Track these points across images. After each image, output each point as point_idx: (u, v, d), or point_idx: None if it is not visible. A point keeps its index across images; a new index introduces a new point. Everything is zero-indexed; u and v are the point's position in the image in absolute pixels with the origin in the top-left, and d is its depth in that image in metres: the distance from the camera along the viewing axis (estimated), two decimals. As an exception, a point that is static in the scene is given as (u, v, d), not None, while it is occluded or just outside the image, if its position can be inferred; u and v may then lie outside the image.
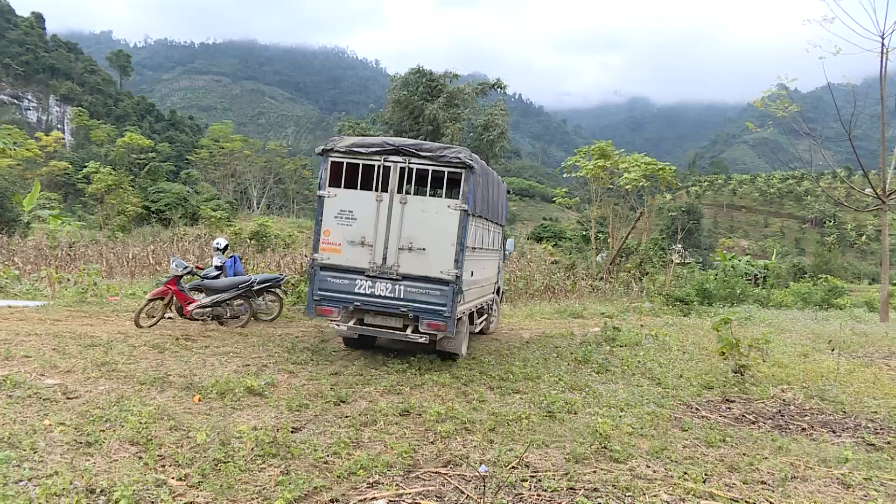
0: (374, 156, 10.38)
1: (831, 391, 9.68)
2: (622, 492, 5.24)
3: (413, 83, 47.33)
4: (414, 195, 10.63)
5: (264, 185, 75.13)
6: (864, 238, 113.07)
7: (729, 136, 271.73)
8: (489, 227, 12.50)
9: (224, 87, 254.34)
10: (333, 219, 10.49)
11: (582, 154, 38.81)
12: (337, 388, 8.28)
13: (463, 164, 10.02)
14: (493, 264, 13.96)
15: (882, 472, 6.11)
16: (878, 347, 15.65)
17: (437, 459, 5.91)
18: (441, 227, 10.13)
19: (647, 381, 10.06)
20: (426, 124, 45.15)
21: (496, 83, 50.14)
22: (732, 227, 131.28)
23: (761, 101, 28.73)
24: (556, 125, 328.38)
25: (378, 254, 10.27)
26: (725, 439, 7.06)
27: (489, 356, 11.38)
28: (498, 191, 13.07)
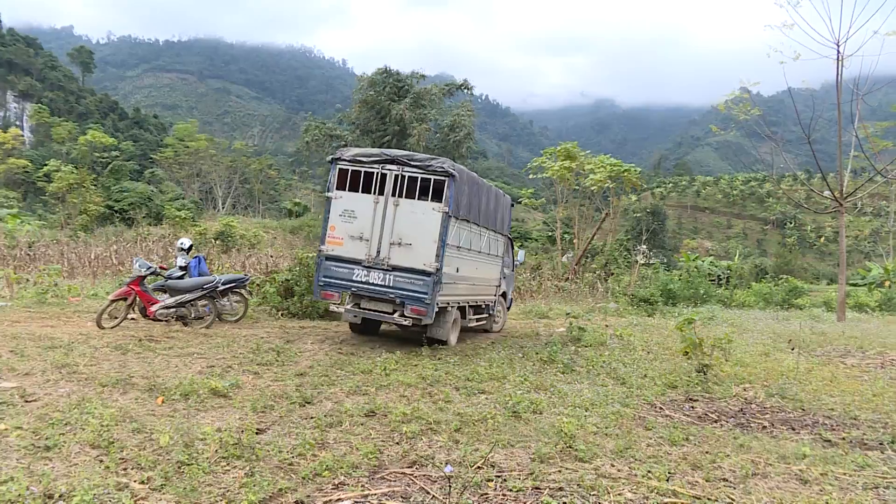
0: (374, 164, 12.33)
1: (791, 389, 9.83)
2: (587, 491, 5.27)
3: (380, 83, 47.27)
4: (405, 198, 12.19)
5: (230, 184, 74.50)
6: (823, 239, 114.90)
7: (693, 138, 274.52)
8: (482, 232, 14.14)
9: (189, 86, 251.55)
10: (338, 217, 12.45)
11: (548, 155, 39.04)
12: (302, 389, 8.24)
13: (446, 173, 11.83)
14: (491, 268, 15.47)
15: (837, 467, 6.23)
16: (835, 346, 15.94)
17: (403, 460, 5.91)
18: (425, 225, 11.90)
19: (612, 381, 10.14)
20: (393, 124, 45.12)
21: (463, 84, 50.25)
22: (696, 228, 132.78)
23: (724, 105, 29.13)
24: (523, 126, 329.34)
25: (373, 247, 12.13)
26: (689, 438, 7.14)
27: (455, 356, 11.39)
28: (495, 202, 14.96)
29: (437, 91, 48.45)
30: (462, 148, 46.10)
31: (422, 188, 12.16)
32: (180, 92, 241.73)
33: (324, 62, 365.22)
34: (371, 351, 11.60)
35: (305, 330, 14.16)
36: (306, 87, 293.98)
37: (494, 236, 15.36)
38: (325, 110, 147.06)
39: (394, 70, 48.60)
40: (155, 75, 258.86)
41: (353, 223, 12.34)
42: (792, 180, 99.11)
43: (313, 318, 16.78)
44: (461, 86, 50.38)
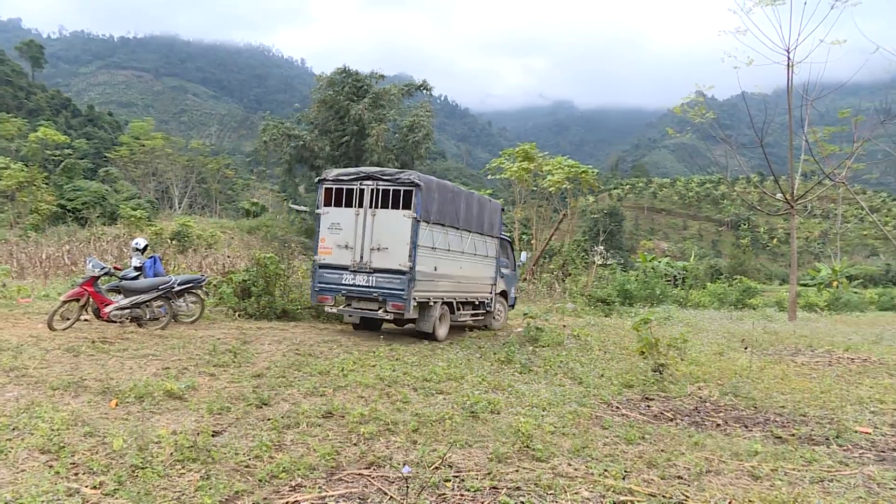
0: (353, 181, 14.14)
1: (744, 388, 10.01)
2: (544, 490, 5.31)
3: (339, 83, 47.02)
4: (380, 208, 13.85)
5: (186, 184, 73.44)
6: (776, 241, 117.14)
7: (650, 140, 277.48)
8: (463, 235, 15.52)
9: (145, 84, 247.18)
10: (327, 230, 14.30)
11: (506, 156, 39.19)
12: (259, 390, 8.17)
13: (412, 184, 13.44)
14: (481, 267, 16.84)
15: (786, 462, 6.37)
16: (786, 345, 16.29)
17: (361, 461, 5.89)
18: (399, 230, 13.54)
19: (569, 381, 10.23)
20: (351, 124, 44.92)
21: (422, 85, 50.22)
22: (653, 229, 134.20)
23: (680, 108, 29.57)
24: (482, 127, 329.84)
25: (357, 253, 13.91)
26: (644, 436, 7.23)
27: (413, 357, 11.40)
28: (479, 207, 16.46)
29: (396, 91, 48.34)
30: (421, 148, 46.06)
31: (394, 198, 13.72)
32: (136, 90, 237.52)
33: (282, 61, 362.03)
34: (329, 352, 11.55)
35: (262, 331, 14.04)
36: (264, 87, 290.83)
37: (482, 238, 16.66)
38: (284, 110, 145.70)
39: (353, 70, 48.38)
40: (109, 72, 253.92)
41: (340, 234, 14.11)
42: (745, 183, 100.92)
43: (270, 318, 16.64)
44: (420, 86, 50.34)
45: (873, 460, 6.76)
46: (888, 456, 6.99)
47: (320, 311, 17.88)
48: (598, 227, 65.95)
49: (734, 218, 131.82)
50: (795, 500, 5.25)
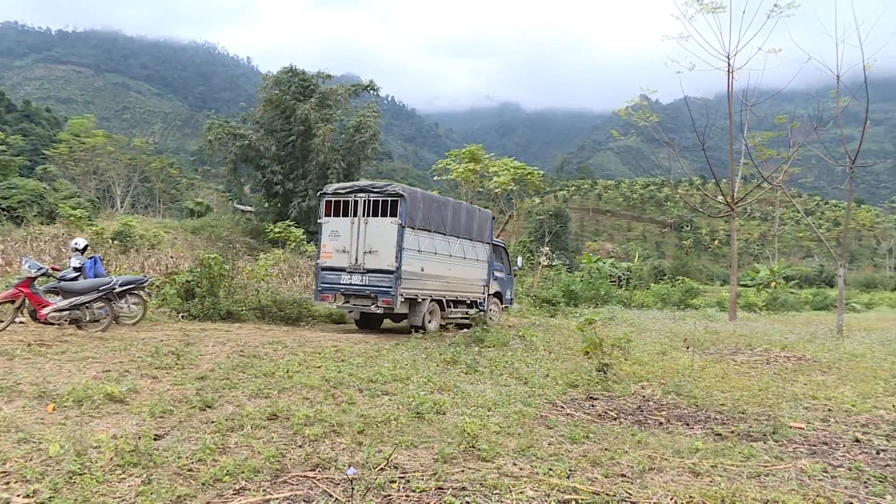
0: (348, 194, 16.34)
1: (686, 386, 10.19)
2: (489, 490, 5.32)
3: (285, 82, 46.61)
4: (371, 217, 15.96)
5: (129, 183, 71.89)
6: (717, 242, 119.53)
7: (595, 142, 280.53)
8: (450, 240, 17.54)
9: (85, 79, 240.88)
10: (328, 237, 16.45)
11: (453, 157, 39.29)
12: (203, 392, 8.04)
13: (397, 195, 15.70)
14: (470, 270, 18.79)
15: (726, 459, 6.49)
16: (726, 344, 16.63)
17: (306, 463, 5.83)
18: (387, 235, 15.65)
19: (515, 381, 10.29)
20: (298, 124, 44.58)
21: (369, 85, 50.08)
22: (598, 230, 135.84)
23: (625, 111, 30.02)
24: (428, 128, 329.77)
25: (353, 257, 16.05)
26: (589, 435, 7.30)
27: (359, 358, 11.35)
28: (467, 216, 18.52)
29: (342, 91, 48.10)
30: (367, 149, 45.90)
31: (382, 208, 15.88)
32: (75, 85, 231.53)
33: (228, 59, 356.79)
34: (274, 353, 11.42)
35: (206, 332, 13.84)
36: (210, 85, 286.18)
37: (471, 243, 18.69)
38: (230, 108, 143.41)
39: (299, 69, 48.01)
40: (47, 66, 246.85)
41: (338, 240, 16.28)
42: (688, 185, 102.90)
43: (214, 320, 16.43)
44: (367, 86, 50.19)
45: (806, 454, 6.95)
46: (819, 449, 7.20)
47: (265, 311, 17.83)
48: (543, 228, 66.45)
49: (677, 220, 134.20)
50: (733, 495, 5.35)
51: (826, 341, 18.00)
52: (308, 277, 26.89)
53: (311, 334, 15.19)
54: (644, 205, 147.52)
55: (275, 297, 18.55)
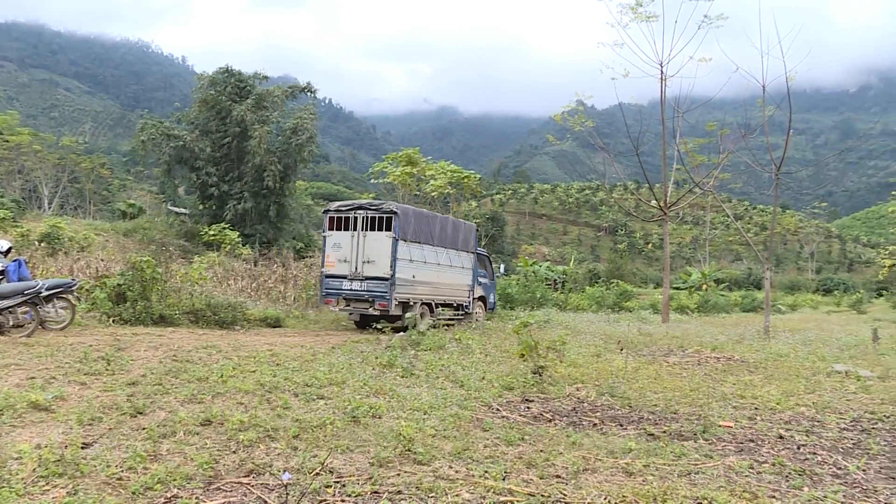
0: (350, 211, 18.65)
1: (620, 388, 10.36)
2: (425, 493, 5.33)
3: (221, 83, 45.90)
4: (369, 231, 18.28)
5: (57, 183, 69.78)
6: (650, 246, 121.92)
7: (532, 147, 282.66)
8: (438, 250, 19.95)
9: (8, 74, 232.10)
10: (331, 248, 18.79)
11: (390, 160, 39.27)
12: (134, 398, 7.87)
13: (392, 212, 18.01)
14: (457, 276, 21.24)
15: (658, 458, 6.63)
16: (659, 346, 16.96)
17: (240, 469, 5.76)
18: (382, 247, 17.97)
19: (451, 384, 10.32)
20: (234, 126, 43.93)
21: (306, 87, 49.67)
22: (534, 234, 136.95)
23: (561, 116, 30.38)
24: (366, 131, 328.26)
25: (353, 266, 18.37)
26: (524, 437, 7.36)
27: (294, 362, 11.25)
28: (453, 228, 20.98)
29: (279, 93, 47.61)
30: (304, 151, 45.48)
31: (378, 223, 18.16)
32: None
33: (162, 58, 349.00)
34: (208, 358, 11.25)
35: (138, 337, 13.55)
36: (143, 84, 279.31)
37: (457, 253, 21.15)
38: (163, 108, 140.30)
39: (235, 70, 47.33)
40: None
41: (340, 251, 18.60)
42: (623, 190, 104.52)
43: (147, 324, 16.10)
44: (304, 88, 49.78)
45: (734, 451, 7.16)
46: (746, 447, 7.42)
47: (199, 315, 17.56)
48: (480, 231, 66.77)
49: (612, 224, 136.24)
50: (665, 493, 5.46)
51: (754, 342, 18.51)
52: (243, 281, 26.61)
53: (247, 338, 15.00)
54: (579, 209, 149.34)
55: (209, 300, 18.26)
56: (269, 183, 42.99)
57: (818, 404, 9.78)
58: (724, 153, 26.76)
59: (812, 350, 16.57)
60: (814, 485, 6.05)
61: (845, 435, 8.09)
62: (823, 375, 12.52)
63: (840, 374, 12.64)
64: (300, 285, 27.19)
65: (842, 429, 8.41)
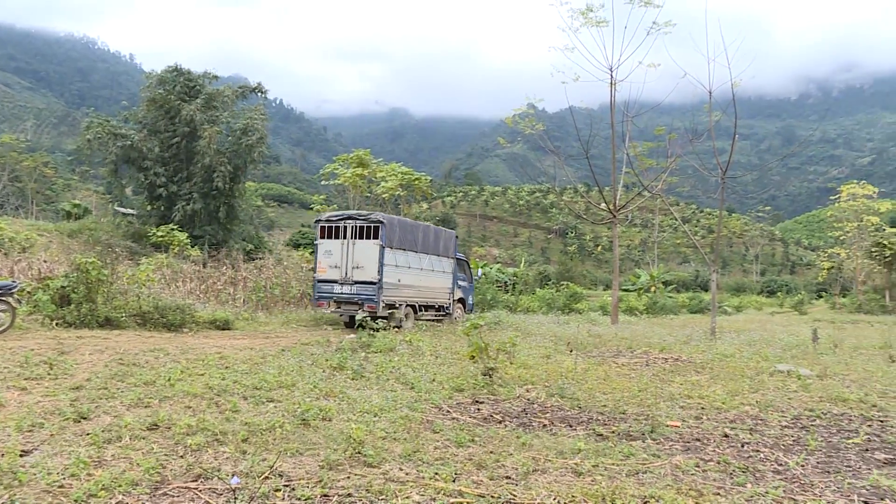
0: (339, 221, 20.12)
1: (569, 389, 10.44)
2: (375, 496, 5.32)
3: (170, 82, 45.24)
4: (358, 239, 19.73)
5: (-3, 182, 68.09)
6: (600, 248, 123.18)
7: (483, 149, 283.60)
8: (421, 256, 21.62)
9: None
10: (322, 255, 20.26)
11: (341, 162, 39.15)
12: (77, 403, 7.70)
13: (379, 221, 19.57)
14: (438, 280, 22.95)
15: (607, 458, 6.70)
16: (608, 347, 17.17)
17: (187, 474, 5.68)
18: (370, 254, 19.49)
19: (401, 386, 10.30)
20: (183, 125, 43.33)
21: (257, 87, 49.31)
22: (485, 236, 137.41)
23: (512, 119, 30.58)
24: (317, 132, 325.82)
25: (343, 271, 19.80)
26: (474, 439, 7.38)
27: (243, 364, 11.13)
28: (435, 236, 22.77)
29: (229, 93, 47.14)
30: (254, 152, 45.04)
31: (366, 232, 19.68)
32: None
33: (108, 55, 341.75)
34: (155, 361, 11.07)
35: (83, 340, 13.28)
36: (88, 81, 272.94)
37: (438, 258, 22.80)
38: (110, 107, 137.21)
39: (185, 69, 46.71)
40: None
41: (331, 258, 20.06)
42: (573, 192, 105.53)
43: (92, 327, 15.78)
44: (255, 89, 49.39)
45: (680, 451, 7.28)
46: (692, 445, 7.55)
47: (147, 318, 17.29)
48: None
49: (562, 226, 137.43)
50: (613, 493, 5.53)
51: (700, 343, 18.85)
52: (192, 283, 26.24)
53: (195, 341, 14.81)
54: (530, 211, 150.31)
55: (157, 302, 17.96)
56: (219, 184, 42.50)
57: (761, 403, 10.00)
58: (672, 157, 27.20)
59: (756, 350, 16.94)
60: (756, 481, 6.19)
61: (786, 432, 8.29)
62: (767, 375, 12.81)
63: (782, 373, 12.94)
64: (250, 287, 26.92)
65: (783, 426, 8.62)
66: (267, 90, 49.88)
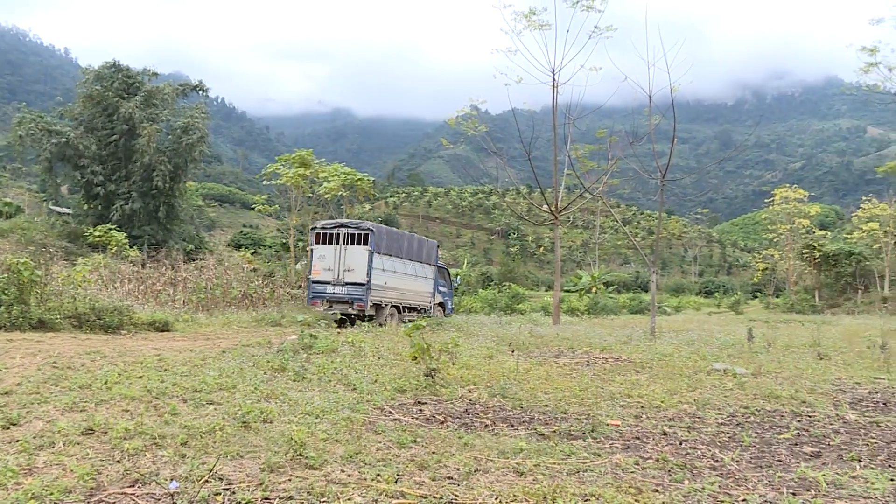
0: (333, 228, 22.67)
1: (511, 389, 10.52)
2: (317, 498, 5.28)
3: (108, 78, 44.28)
4: (349, 245, 22.19)
5: (-82, 179, 65.74)
6: (542, 249, 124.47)
7: (426, 150, 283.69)
8: (405, 262, 24.23)
9: None
10: (317, 259, 22.66)
11: (283, 162, 38.84)
12: (7, 409, 7.46)
13: (369, 229, 22.22)
14: (420, 284, 25.60)
15: (548, 457, 6.77)
16: (550, 347, 17.34)
17: (124, 479, 5.56)
18: (360, 259, 21.88)
19: (343, 388, 10.25)
20: (121, 123, 42.45)
21: (198, 85, 48.69)
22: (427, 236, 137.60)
23: (455, 120, 30.71)
24: (259, 132, 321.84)
25: (335, 273, 22.22)
26: (416, 440, 7.39)
27: (183, 367, 10.94)
28: (418, 244, 25.66)
29: (170, 91, 46.38)
30: (195, 151, 44.41)
31: (357, 238, 22.24)
32: None
33: (41, 48, 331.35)
34: (91, 364, 10.81)
35: (14, 343, 12.90)
36: (20, 75, 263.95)
37: (421, 265, 25.52)
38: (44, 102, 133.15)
39: (123, 65, 45.80)
40: None
41: (325, 261, 22.52)
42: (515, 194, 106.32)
43: (24, 329, 15.34)
44: (196, 87, 48.75)
45: (621, 449, 7.40)
46: (632, 444, 7.68)
47: (83, 320, 16.89)
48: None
49: (504, 227, 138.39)
50: (554, 492, 5.59)
51: (640, 343, 19.17)
52: (130, 284, 25.73)
53: (133, 343, 14.51)
54: (473, 212, 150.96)
55: (93, 304, 17.52)
56: (159, 183, 41.79)
57: (699, 401, 10.22)
58: (613, 159, 27.62)
59: (694, 350, 17.31)
60: (693, 477, 6.32)
61: (722, 429, 8.49)
62: (704, 374, 13.09)
63: (719, 372, 13.23)
64: (190, 288, 26.50)
65: (719, 424, 8.83)
66: (208, 88, 49.39)
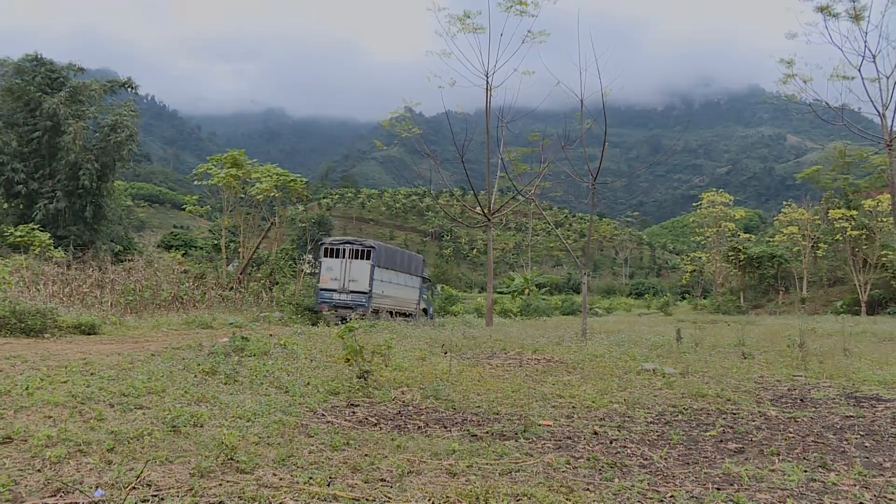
0: (340, 244, 27.35)
1: (444, 390, 10.55)
2: (248, 502, 5.22)
3: (29, 71, 42.85)
4: (354, 259, 26.52)
5: None
6: (476, 251, 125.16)
7: (360, 151, 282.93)
8: (398, 274, 29.01)
9: None
10: (325, 270, 26.94)
11: (214, 162, 38.30)
12: (-83, 417, 7.17)
13: (371, 247, 27.12)
14: (409, 293, 30.51)
15: (481, 458, 6.82)
16: (483, 349, 17.44)
17: (46, 488, 5.38)
18: (363, 271, 26.37)
19: (275, 390, 10.15)
20: (45, 119, 41.14)
21: (127, 82, 47.57)
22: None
23: (389, 122, 30.77)
24: (190, 131, 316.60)
25: (341, 283, 26.52)
26: (349, 442, 7.36)
27: (111, 370, 10.67)
28: (408, 259, 30.98)
29: (97, 87, 45.14)
30: (124, 150, 43.30)
31: (361, 254, 26.74)
32: None
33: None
34: (11, 369, 10.44)
35: (-72, 347, 12.42)
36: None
37: (410, 277, 30.37)
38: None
39: (46, 59, 44.43)
40: None
41: (332, 272, 26.79)
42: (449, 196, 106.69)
43: (-62, 333, 14.77)
44: (125, 84, 47.61)
45: (552, 449, 7.49)
46: (564, 444, 7.78)
47: (3, 323, 16.35)
48: (306, 235, 66.28)
49: (438, 229, 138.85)
50: (487, 492, 5.63)
51: (572, 344, 19.44)
52: (54, 286, 25.00)
53: (57, 347, 14.08)
54: (406, 214, 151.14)
55: (14, 306, 16.93)
56: (86, 182, 40.65)
57: (629, 401, 10.42)
58: (546, 163, 28.00)
59: (624, 350, 17.64)
60: (623, 475, 6.44)
61: (651, 428, 8.68)
62: (634, 374, 13.35)
63: (648, 372, 13.52)
64: (118, 290, 25.87)
65: (648, 422, 9.01)
66: (138, 85, 48.35)
